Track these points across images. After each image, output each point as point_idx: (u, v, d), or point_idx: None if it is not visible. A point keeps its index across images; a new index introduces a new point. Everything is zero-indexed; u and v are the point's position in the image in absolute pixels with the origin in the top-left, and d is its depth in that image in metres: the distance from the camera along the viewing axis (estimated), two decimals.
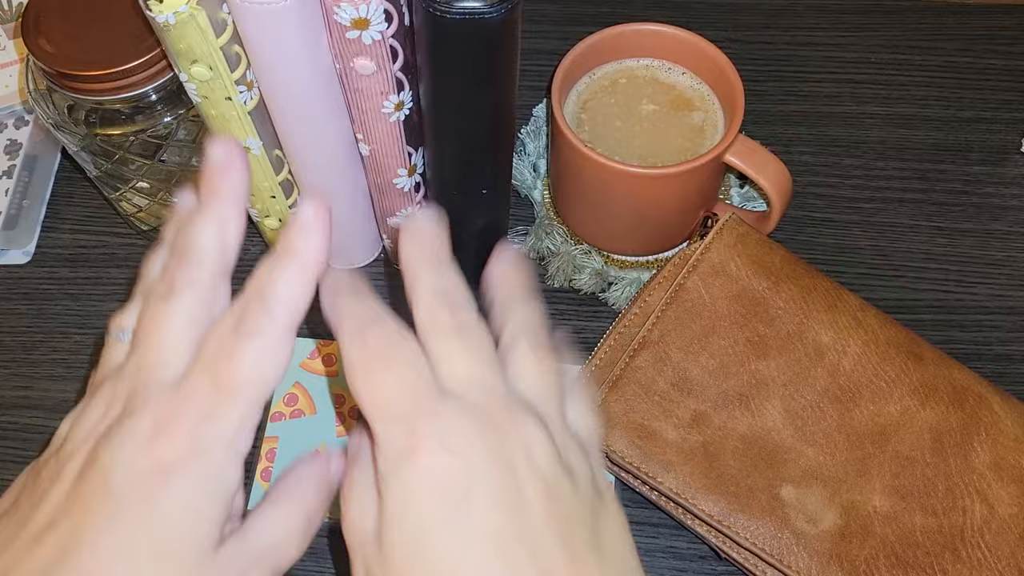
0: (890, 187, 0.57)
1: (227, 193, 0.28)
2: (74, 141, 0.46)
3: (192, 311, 0.27)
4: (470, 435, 0.26)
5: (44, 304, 0.54)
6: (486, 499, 0.26)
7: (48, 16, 0.44)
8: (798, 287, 0.45)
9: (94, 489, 0.25)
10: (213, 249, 0.28)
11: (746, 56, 0.60)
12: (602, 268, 0.52)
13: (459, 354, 0.28)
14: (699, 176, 0.46)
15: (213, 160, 0.28)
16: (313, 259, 0.28)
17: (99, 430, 0.27)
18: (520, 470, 0.26)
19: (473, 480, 0.26)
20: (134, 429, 0.26)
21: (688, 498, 0.42)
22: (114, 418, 0.27)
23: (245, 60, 0.39)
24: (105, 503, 0.25)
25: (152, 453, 0.25)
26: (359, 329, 0.27)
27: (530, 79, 0.58)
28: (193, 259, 0.28)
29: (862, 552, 0.40)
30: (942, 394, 0.43)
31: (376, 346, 0.27)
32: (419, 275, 0.29)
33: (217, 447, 0.26)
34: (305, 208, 0.28)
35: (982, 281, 0.53)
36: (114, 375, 0.28)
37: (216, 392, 0.26)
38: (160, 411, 0.26)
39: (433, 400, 0.26)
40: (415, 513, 0.26)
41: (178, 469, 0.26)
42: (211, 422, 0.26)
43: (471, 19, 0.34)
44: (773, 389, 0.43)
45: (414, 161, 0.44)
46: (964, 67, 0.61)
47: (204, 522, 0.26)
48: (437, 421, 0.26)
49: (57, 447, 0.28)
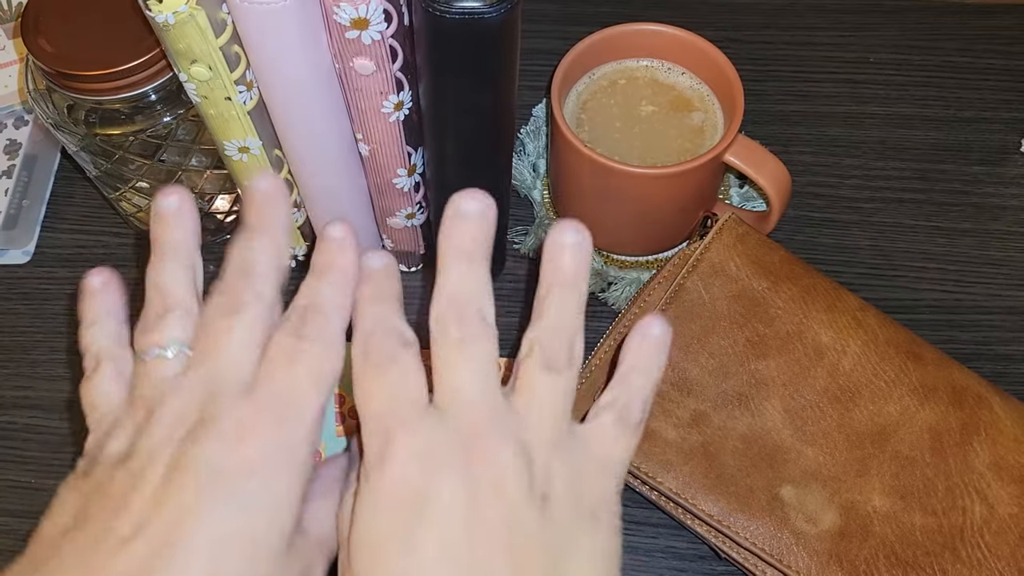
0: (889, 187, 0.57)
1: (277, 220, 0.31)
2: (74, 141, 0.46)
3: (256, 323, 0.29)
4: (440, 454, 0.27)
5: (43, 304, 0.54)
6: (441, 517, 0.27)
7: (48, 16, 0.44)
8: (798, 287, 0.45)
9: (184, 489, 0.27)
10: (271, 268, 0.30)
11: (745, 56, 0.60)
12: (602, 268, 0.52)
13: (457, 366, 0.29)
14: (698, 176, 0.46)
15: (260, 191, 0.31)
16: (352, 272, 0.30)
17: (176, 436, 0.28)
18: (483, 494, 0.27)
19: (433, 497, 0.27)
20: (219, 433, 0.27)
21: (688, 498, 0.42)
22: (192, 425, 0.28)
23: (245, 60, 0.39)
24: (199, 501, 0.26)
25: (240, 453, 0.27)
26: (368, 335, 0.29)
27: (530, 79, 0.58)
28: (256, 276, 0.30)
29: (862, 552, 0.40)
30: (942, 394, 0.43)
31: (377, 354, 0.29)
32: (447, 267, 0.30)
33: (297, 443, 0.28)
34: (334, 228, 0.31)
35: (981, 281, 0.53)
36: (176, 387, 0.29)
37: (289, 392, 0.28)
38: (240, 414, 0.28)
39: (414, 414, 0.28)
40: (376, 519, 0.27)
41: (265, 466, 0.27)
42: (288, 421, 0.28)
43: (470, 19, 0.34)
44: (773, 389, 0.43)
45: (414, 161, 0.44)
46: (963, 67, 0.61)
47: (288, 515, 0.28)
48: (412, 435, 0.28)
49: (118, 461, 0.28)
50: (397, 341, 0.29)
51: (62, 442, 0.50)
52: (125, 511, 0.27)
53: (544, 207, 0.54)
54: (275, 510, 0.27)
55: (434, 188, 0.46)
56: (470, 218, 0.30)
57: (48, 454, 0.50)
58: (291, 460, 0.28)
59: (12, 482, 0.49)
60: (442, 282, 0.29)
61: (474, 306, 0.29)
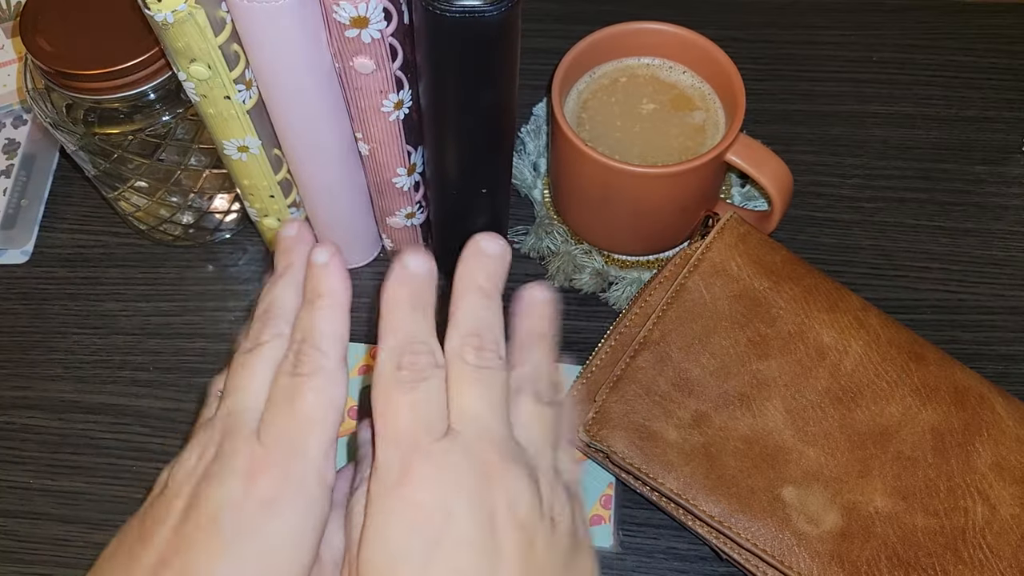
0: (892, 187, 0.56)
1: (302, 262, 0.32)
2: (72, 140, 0.46)
3: (274, 361, 0.30)
4: (457, 478, 0.28)
5: (42, 304, 0.54)
6: (458, 541, 0.27)
7: (47, 15, 0.44)
8: (799, 287, 0.45)
9: (200, 526, 0.27)
10: (292, 308, 0.31)
11: (747, 55, 0.60)
12: (602, 268, 0.52)
13: (473, 393, 0.29)
14: (700, 175, 0.46)
15: (288, 236, 0.33)
16: (341, 297, 0.31)
17: (198, 472, 0.29)
18: (499, 518, 0.28)
19: (450, 521, 0.27)
20: (232, 469, 0.28)
21: (689, 499, 0.42)
22: (209, 461, 0.29)
23: (244, 59, 0.39)
24: (214, 538, 0.27)
25: (252, 490, 0.28)
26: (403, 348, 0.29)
27: (530, 77, 0.58)
28: (275, 316, 0.31)
29: (863, 553, 0.40)
30: (944, 394, 0.42)
31: (410, 371, 0.29)
32: (466, 298, 0.31)
33: (308, 478, 0.28)
34: (319, 253, 0.31)
35: (984, 281, 0.53)
36: (207, 423, 0.31)
37: (293, 429, 0.29)
38: (251, 452, 0.28)
39: (435, 437, 0.28)
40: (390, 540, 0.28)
41: (279, 502, 0.28)
42: (296, 457, 0.28)
43: (470, 17, 0.34)
44: (774, 389, 0.43)
45: (413, 160, 0.44)
46: (966, 66, 0.61)
47: (305, 550, 0.28)
48: (430, 459, 0.28)
49: (159, 492, 0.30)
50: (430, 361, 0.29)
51: (60, 443, 0.50)
52: (151, 544, 0.28)
53: (544, 206, 0.54)
54: (294, 545, 0.28)
55: (434, 187, 0.46)
56: (491, 257, 0.31)
57: (46, 454, 0.50)
58: (306, 495, 0.28)
59: (10, 483, 0.49)
60: (461, 312, 0.30)
61: (491, 337, 0.30)
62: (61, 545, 0.47)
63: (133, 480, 0.49)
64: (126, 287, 0.55)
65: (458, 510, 0.27)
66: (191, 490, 0.29)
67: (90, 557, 0.47)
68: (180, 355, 0.52)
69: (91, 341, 0.53)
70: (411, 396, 0.29)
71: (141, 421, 0.50)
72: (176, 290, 0.54)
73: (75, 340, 0.53)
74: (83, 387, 0.51)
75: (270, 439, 0.29)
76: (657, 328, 0.45)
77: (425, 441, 0.28)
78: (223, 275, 0.54)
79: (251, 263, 0.55)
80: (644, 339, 0.45)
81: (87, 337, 0.53)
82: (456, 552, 0.27)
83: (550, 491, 0.30)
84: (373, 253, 0.55)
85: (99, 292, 0.55)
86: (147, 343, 0.53)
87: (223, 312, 0.53)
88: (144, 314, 0.54)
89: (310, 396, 0.29)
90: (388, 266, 0.58)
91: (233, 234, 0.56)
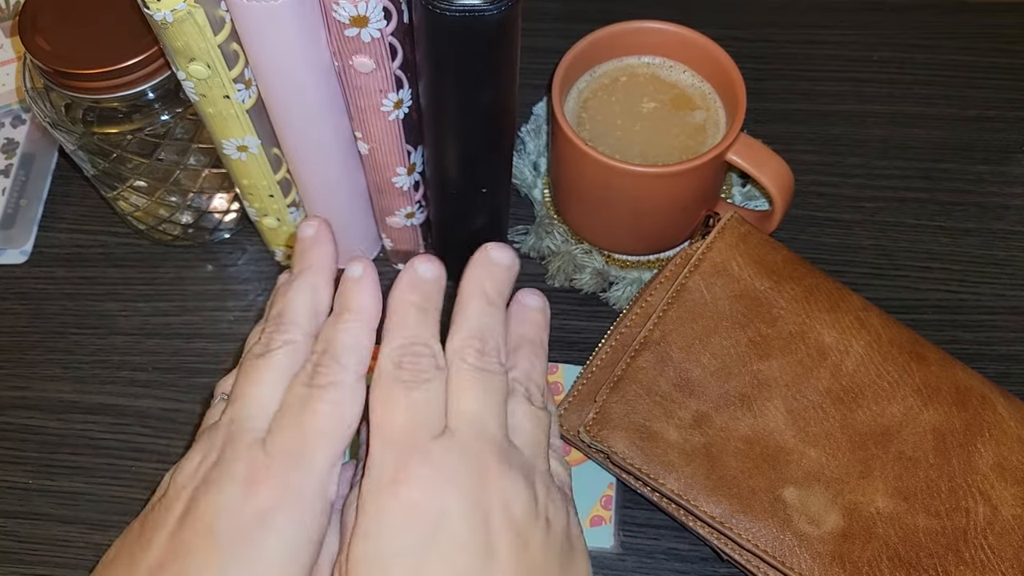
0: (893, 186, 0.56)
1: (319, 264, 0.31)
2: (71, 140, 0.46)
3: (283, 368, 0.30)
4: (453, 478, 0.28)
5: (41, 304, 0.54)
6: (453, 540, 0.27)
7: (45, 14, 0.43)
8: (800, 287, 0.45)
9: (197, 532, 0.27)
10: (306, 313, 0.31)
11: (748, 54, 0.60)
12: (603, 268, 0.52)
13: (471, 394, 0.29)
14: (700, 175, 0.46)
15: (306, 236, 0.32)
16: (370, 314, 0.30)
17: (198, 478, 0.29)
18: (494, 518, 0.28)
19: (444, 520, 0.27)
20: (231, 477, 0.28)
21: (690, 500, 0.41)
22: (210, 467, 0.29)
23: (243, 58, 0.39)
24: (210, 547, 0.27)
25: (250, 500, 0.27)
26: (405, 348, 0.29)
27: (530, 77, 0.58)
28: (288, 321, 0.30)
29: (865, 554, 0.40)
30: (945, 395, 0.42)
31: (410, 371, 0.29)
32: (471, 303, 0.31)
33: (308, 491, 0.28)
34: (354, 267, 0.31)
35: (985, 281, 0.53)
36: (211, 428, 0.30)
37: (300, 440, 0.28)
38: (253, 460, 0.28)
39: (430, 438, 0.28)
40: (383, 538, 0.27)
41: (276, 514, 0.27)
42: (299, 469, 0.28)
43: (470, 16, 0.34)
44: (775, 390, 0.43)
45: (413, 160, 0.44)
46: (967, 66, 0.61)
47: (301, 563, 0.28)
48: (426, 460, 0.28)
49: (160, 496, 0.30)
50: (432, 363, 0.29)
51: (59, 443, 0.50)
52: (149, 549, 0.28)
53: (545, 206, 0.54)
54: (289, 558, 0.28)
55: (434, 187, 0.46)
56: (499, 266, 0.31)
57: (45, 455, 0.49)
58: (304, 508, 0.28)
59: (9, 483, 0.49)
60: (465, 315, 0.30)
61: (493, 342, 0.30)
62: (60, 546, 0.47)
63: (132, 480, 0.49)
64: (125, 287, 0.55)
65: (453, 509, 0.27)
66: (190, 495, 0.28)
67: (89, 557, 0.47)
68: (179, 355, 0.52)
69: (90, 341, 0.53)
70: (410, 396, 0.29)
71: (140, 421, 0.50)
72: (175, 290, 0.54)
73: (74, 340, 0.53)
74: (82, 387, 0.51)
75: (275, 448, 0.28)
76: (658, 328, 0.45)
77: (422, 440, 0.28)
78: (222, 275, 0.54)
79: (250, 263, 0.55)
80: (645, 339, 0.45)
81: (86, 337, 0.53)
82: (450, 551, 0.27)
83: (545, 493, 0.30)
84: (372, 253, 0.55)
85: (98, 292, 0.54)
86: (146, 343, 0.53)
87: (222, 312, 0.53)
88: (143, 314, 0.53)
89: (323, 408, 0.29)
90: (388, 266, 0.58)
91: (232, 234, 0.55)
